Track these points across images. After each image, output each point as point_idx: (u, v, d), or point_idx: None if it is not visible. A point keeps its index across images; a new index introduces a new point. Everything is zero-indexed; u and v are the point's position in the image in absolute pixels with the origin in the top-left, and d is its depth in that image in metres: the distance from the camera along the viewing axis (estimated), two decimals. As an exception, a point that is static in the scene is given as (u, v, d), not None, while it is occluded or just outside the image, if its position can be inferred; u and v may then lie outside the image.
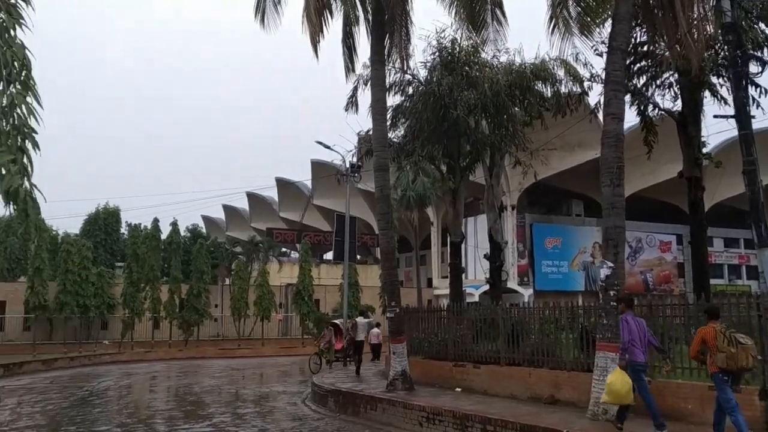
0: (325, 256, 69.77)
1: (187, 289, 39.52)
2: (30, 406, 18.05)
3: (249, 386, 23.24)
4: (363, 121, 40.51)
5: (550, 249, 58.52)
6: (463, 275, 26.64)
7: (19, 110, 4.25)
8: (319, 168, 67.93)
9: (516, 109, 20.35)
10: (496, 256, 23.97)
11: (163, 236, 41.18)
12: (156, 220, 39.77)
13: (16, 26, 4.39)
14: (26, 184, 4.22)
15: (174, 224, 41.05)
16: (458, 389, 15.17)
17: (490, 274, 24.09)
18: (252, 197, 79.34)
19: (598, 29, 16.02)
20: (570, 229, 59.99)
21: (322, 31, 16.16)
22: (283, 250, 72.72)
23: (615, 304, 10.95)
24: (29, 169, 4.30)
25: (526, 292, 54.03)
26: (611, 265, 11.45)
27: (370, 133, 20.96)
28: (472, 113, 19.73)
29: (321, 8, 15.42)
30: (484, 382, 14.79)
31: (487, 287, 33.79)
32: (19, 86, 4.31)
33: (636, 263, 61.42)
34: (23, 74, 4.35)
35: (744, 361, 8.41)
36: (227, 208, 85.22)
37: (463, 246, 23.52)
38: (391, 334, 15.17)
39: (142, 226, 45.00)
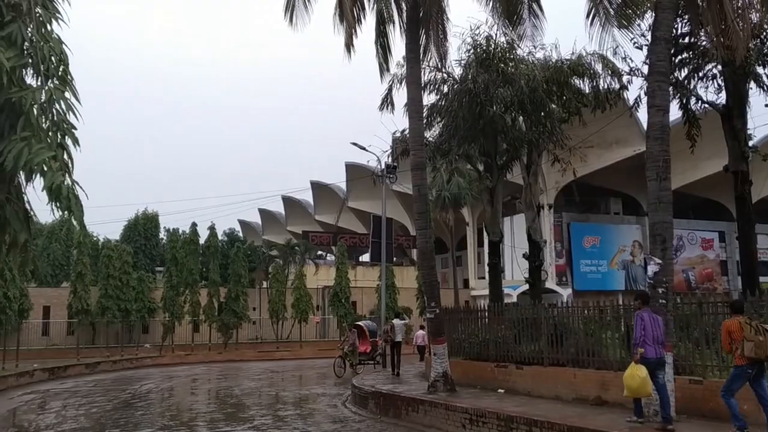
0: (361, 258, 69.82)
1: (225, 292, 39.79)
2: (75, 409, 18.27)
3: (288, 388, 23.23)
4: (399, 120, 40.06)
5: (588, 248, 57.67)
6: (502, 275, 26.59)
7: (57, 106, 4.17)
8: (353, 170, 68.00)
9: (553, 105, 19.96)
10: (535, 255, 23.61)
11: (201, 240, 41.59)
12: (194, 225, 40.11)
13: (53, 20, 4.33)
14: (68, 180, 4.12)
15: (212, 228, 41.34)
16: (501, 390, 14.89)
17: (530, 273, 23.73)
18: (287, 201, 79.76)
19: (638, 21, 15.64)
20: (608, 228, 59.07)
21: (356, 30, 16.06)
22: (319, 253, 72.93)
23: (639, 301, 10.58)
24: (70, 165, 4.21)
25: (565, 292, 53.23)
26: (659, 261, 11.07)
27: (406, 132, 20.86)
28: (508, 110, 19.42)
29: (353, 5, 15.28)
30: (528, 383, 14.50)
31: (525, 287, 33.32)
32: (57, 81, 4.22)
33: (677, 261, 60.12)
34: (61, 69, 4.27)
35: None
36: (263, 212, 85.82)
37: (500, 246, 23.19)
38: (431, 335, 14.97)
39: (180, 231, 45.48)
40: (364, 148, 25.55)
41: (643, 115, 17.65)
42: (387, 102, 20.01)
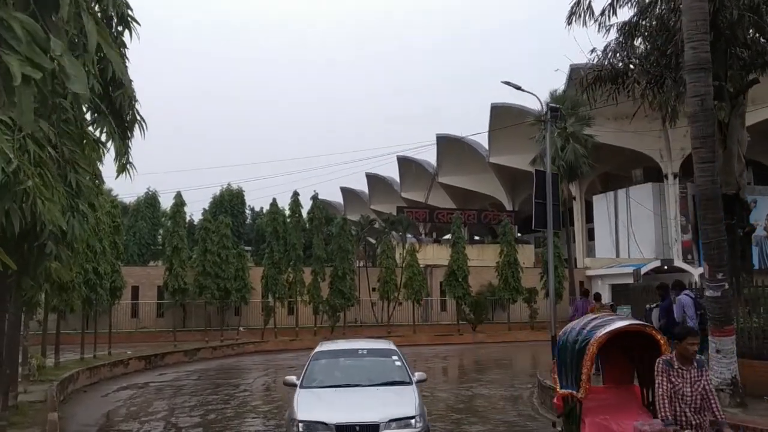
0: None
1: (330, 270, 35.02)
2: (187, 415, 14.24)
3: (441, 387, 18.81)
4: (594, 37, 27.67)
5: (717, 222, 51.19)
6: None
7: None
8: (445, 143, 62.92)
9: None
10: (744, 217, 18.49)
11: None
12: (296, 194, 35.23)
13: None
14: None
15: (315, 198, 36.39)
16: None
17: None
18: (371, 178, 75.47)
19: None
20: (739, 200, 52.40)
21: None
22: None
23: None
24: None
25: (696, 271, 47.03)
26: None
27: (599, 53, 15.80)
28: (754, 13, 14.06)
29: None
30: None
31: (653, 265, 27.63)
32: None
33: None
34: None
35: None
36: (345, 190, 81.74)
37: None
38: (714, 323, 10.00)
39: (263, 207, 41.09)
40: (519, 88, 20.63)
41: None
42: (580, 9, 15.08)
